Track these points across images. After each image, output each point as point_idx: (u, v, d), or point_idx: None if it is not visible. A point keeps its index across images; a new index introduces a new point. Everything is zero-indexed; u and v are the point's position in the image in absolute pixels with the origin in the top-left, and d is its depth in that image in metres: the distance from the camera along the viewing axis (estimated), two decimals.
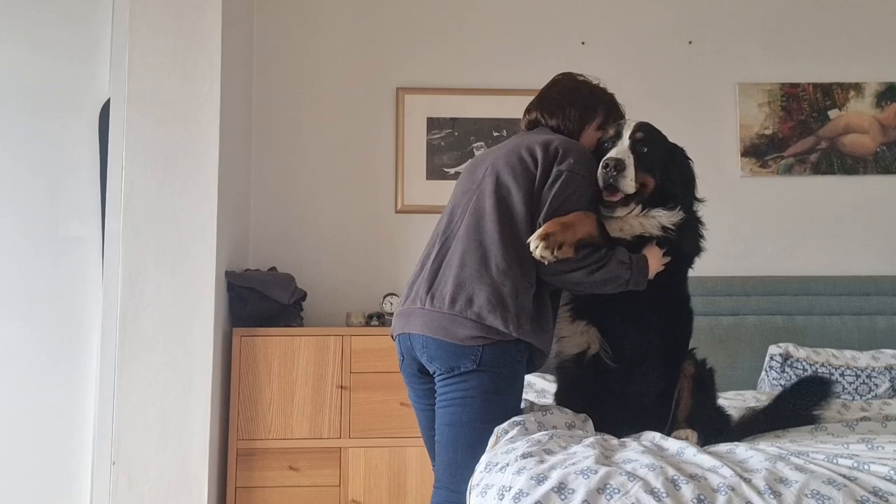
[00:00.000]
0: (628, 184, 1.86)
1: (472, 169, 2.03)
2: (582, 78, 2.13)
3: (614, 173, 1.85)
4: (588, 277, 1.79)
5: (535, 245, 1.75)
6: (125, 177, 2.77)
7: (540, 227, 1.79)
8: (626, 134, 1.94)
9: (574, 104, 2.05)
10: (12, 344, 2.82)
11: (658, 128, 2.00)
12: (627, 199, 1.89)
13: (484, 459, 1.63)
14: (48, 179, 2.90)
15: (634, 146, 1.91)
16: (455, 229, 1.91)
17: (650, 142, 1.93)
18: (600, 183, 1.88)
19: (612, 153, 1.89)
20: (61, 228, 2.90)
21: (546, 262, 1.76)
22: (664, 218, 1.90)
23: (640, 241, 1.90)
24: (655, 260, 1.89)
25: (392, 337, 2.02)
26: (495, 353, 1.78)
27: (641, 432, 1.84)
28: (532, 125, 2.10)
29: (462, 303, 1.78)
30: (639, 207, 1.91)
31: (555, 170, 1.85)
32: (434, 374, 1.85)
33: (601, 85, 2.13)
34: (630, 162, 1.87)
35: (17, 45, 2.92)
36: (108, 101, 2.85)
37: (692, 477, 1.40)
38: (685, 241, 1.94)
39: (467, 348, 1.77)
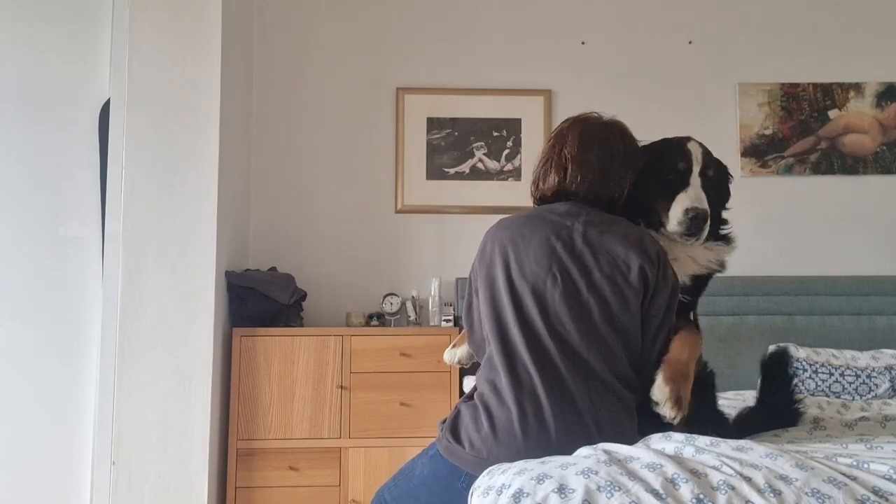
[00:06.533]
0: (705, 233, 1.74)
1: (545, 262, 1.65)
2: (618, 127, 1.79)
3: (700, 223, 1.69)
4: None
5: (672, 414, 1.61)
6: (125, 177, 2.77)
7: (655, 356, 1.66)
8: (696, 170, 1.74)
9: (626, 167, 1.74)
10: (12, 344, 2.82)
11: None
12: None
13: None
14: (48, 179, 2.89)
15: (706, 186, 1.74)
16: (551, 353, 1.62)
17: (717, 177, 1.79)
18: (679, 230, 1.71)
19: (695, 200, 1.70)
20: (61, 228, 2.90)
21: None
22: (723, 252, 1.83)
23: (696, 280, 1.81)
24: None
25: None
26: None
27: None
28: (589, 195, 1.74)
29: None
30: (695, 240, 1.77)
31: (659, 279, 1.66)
32: None
33: (625, 128, 1.81)
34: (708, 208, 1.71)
35: (16, 45, 2.92)
36: (108, 101, 2.85)
37: (692, 476, 1.40)
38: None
39: None
